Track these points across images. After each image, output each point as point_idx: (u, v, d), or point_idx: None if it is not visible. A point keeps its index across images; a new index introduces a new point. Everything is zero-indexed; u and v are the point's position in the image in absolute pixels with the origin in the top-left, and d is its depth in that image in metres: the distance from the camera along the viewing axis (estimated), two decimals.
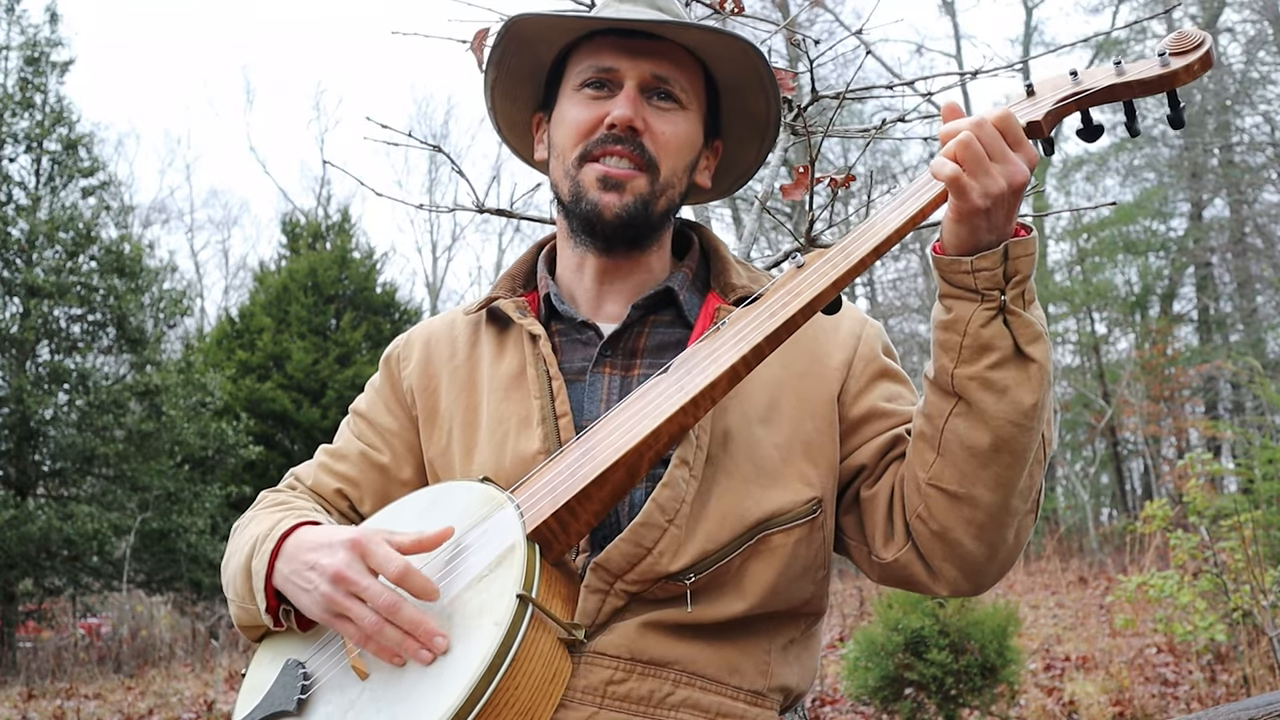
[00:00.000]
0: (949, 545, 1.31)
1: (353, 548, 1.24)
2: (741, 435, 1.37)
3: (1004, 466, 1.26)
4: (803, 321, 1.28)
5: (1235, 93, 20.60)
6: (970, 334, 1.24)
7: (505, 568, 1.22)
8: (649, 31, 1.42)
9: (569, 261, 1.51)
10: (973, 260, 1.22)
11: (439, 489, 1.41)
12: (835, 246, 1.30)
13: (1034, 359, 1.24)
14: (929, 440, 1.30)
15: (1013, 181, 1.19)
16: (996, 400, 1.24)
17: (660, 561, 1.29)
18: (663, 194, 1.43)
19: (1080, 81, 1.28)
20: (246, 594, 1.39)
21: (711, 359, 1.28)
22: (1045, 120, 1.27)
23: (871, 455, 1.40)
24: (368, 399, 1.59)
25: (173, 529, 14.01)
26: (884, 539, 1.38)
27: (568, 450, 1.32)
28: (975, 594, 1.39)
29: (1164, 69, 1.24)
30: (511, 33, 1.46)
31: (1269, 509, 6.04)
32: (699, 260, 1.54)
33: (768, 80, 1.47)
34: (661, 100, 1.44)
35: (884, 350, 1.48)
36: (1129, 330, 23.28)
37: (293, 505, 1.48)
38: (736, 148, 1.57)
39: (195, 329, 26.31)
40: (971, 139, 1.19)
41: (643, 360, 1.43)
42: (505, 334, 1.50)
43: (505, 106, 1.56)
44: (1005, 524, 1.30)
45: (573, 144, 1.43)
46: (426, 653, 1.20)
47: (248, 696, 1.36)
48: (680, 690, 1.30)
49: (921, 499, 1.31)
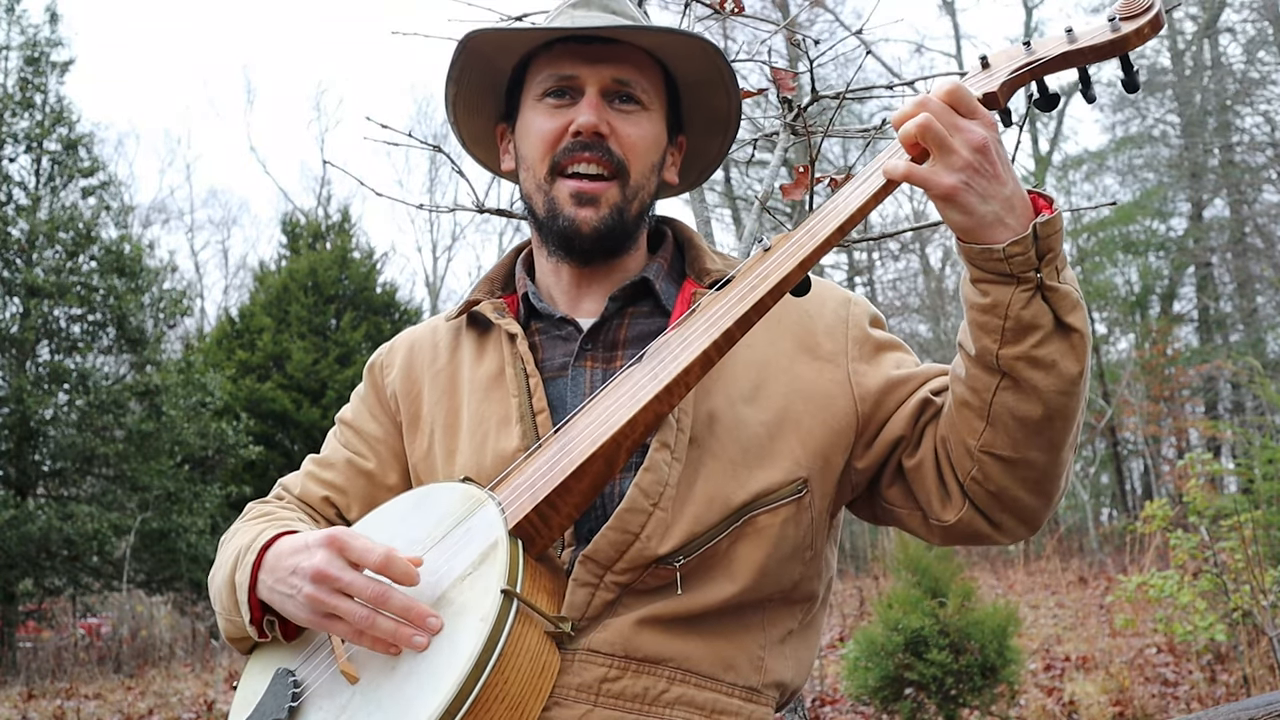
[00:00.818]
0: (1007, 501, 1.33)
1: (329, 545, 1.25)
2: (726, 416, 1.37)
3: (1057, 431, 1.28)
4: (772, 303, 1.28)
5: (1235, 93, 20.60)
6: (1011, 316, 1.24)
7: (488, 565, 1.23)
8: (607, 37, 1.43)
9: (545, 267, 1.53)
10: (1004, 247, 1.21)
11: (421, 492, 1.42)
12: (801, 228, 1.31)
13: (1075, 328, 1.25)
14: (976, 410, 1.30)
15: (971, 143, 1.18)
16: (1045, 375, 1.25)
17: (649, 546, 1.30)
18: (635, 198, 1.44)
19: (1033, 51, 1.29)
20: (232, 607, 1.40)
21: (684, 345, 1.29)
22: (1001, 90, 1.27)
23: (904, 424, 1.39)
24: (353, 407, 1.61)
25: (173, 529, 14.01)
26: (941, 503, 1.38)
27: (546, 445, 1.33)
28: (1032, 534, 1.42)
29: (1115, 34, 1.24)
30: (469, 48, 1.47)
31: (1269, 509, 6.03)
32: (673, 250, 1.55)
33: (727, 76, 1.48)
34: (624, 103, 1.44)
35: (872, 323, 1.49)
36: (1129, 330, 23.28)
37: (275, 516, 1.49)
38: (700, 142, 1.58)
39: (195, 329, 26.32)
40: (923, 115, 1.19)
41: (624, 352, 1.44)
42: (485, 336, 1.52)
43: (468, 120, 1.57)
44: (1059, 475, 1.34)
45: (541, 155, 1.44)
46: (421, 637, 1.20)
47: (240, 708, 1.37)
48: (675, 687, 1.30)
49: (974, 463, 1.32)
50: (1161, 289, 22.94)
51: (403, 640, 1.21)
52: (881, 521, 1.50)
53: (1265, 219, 20.73)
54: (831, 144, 18.78)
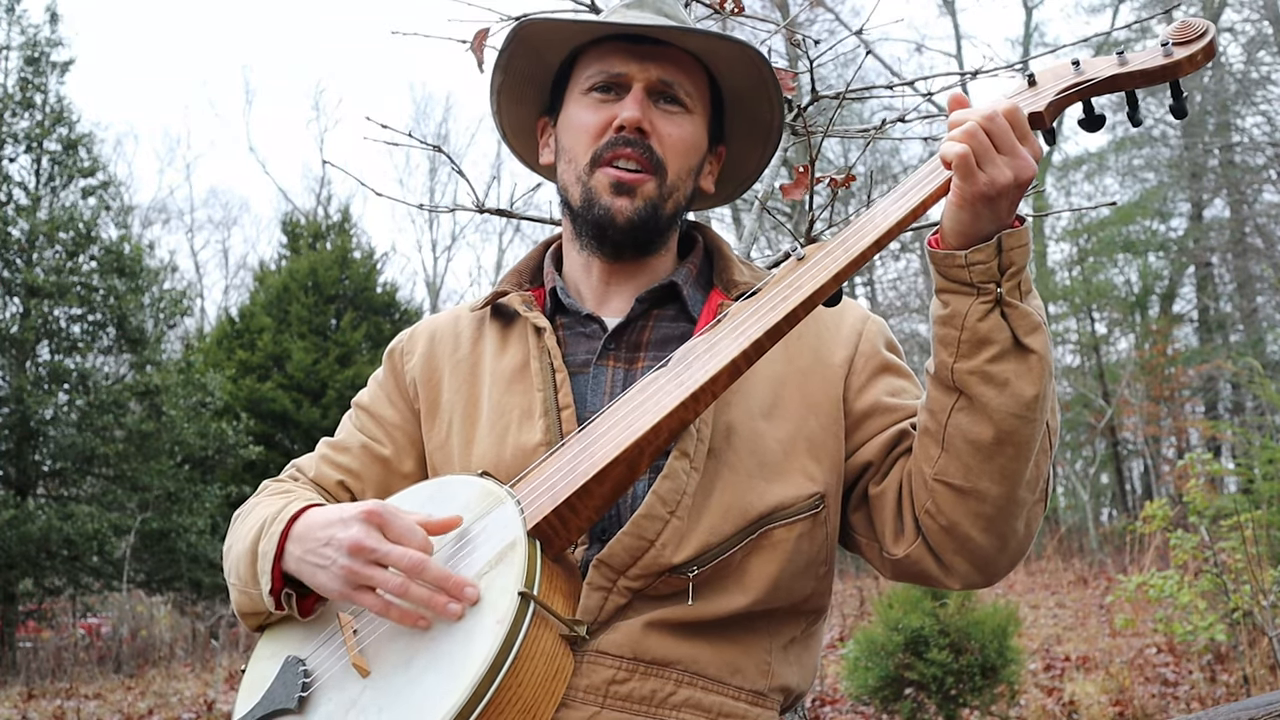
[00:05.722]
0: (958, 539, 1.31)
1: (368, 519, 1.25)
2: (744, 429, 1.37)
3: (1008, 459, 1.26)
4: (804, 315, 1.27)
5: (1235, 93, 20.59)
6: (968, 328, 1.24)
7: (506, 565, 1.22)
8: (656, 37, 1.43)
9: (575, 262, 1.52)
10: (967, 254, 1.22)
11: (437, 483, 1.41)
12: (835, 239, 1.30)
13: (1033, 350, 1.24)
14: (933, 436, 1.30)
15: (1020, 176, 1.19)
16: (998, 394, 1.24)
17: (663, 554, 1.29)
18: (670, 196, 1.44)
19: (1083, 71, 1.27)
20: (250, 578, 1.38)
21: (711, 353, 1.28)
22: (1047, 111, 1.26)
23: (877, 451, 1.40)
24: (370, 392, 1.60)
25: (173, 529, 14.01)
26: (894, 535, 1.38)
27: (568, 445, 1.32)
28: (988, 585, 1.39)
29: (1167, 59, 1.23)
30: (520, 37, 1.47)
31: (1269, 509, 6.03)
32: (702, 258, 1.55)
33: (772, 87, 1.48)
34: (668, 104, 1.45)
35: (886, 345, 1.48)
36: (1129, 330, 23.28)
37: (296, 493, 1.48)
38: (740, 153, 1.58)
39: (195, 329, 26.30)
40: (978, 130, 1.19)
41: (646, 354, 1.44)
42: (509, 328, 1.51)
43: (511, 110, 1.57)
44: (1013, 515, 1.30)
45: (584, 147, 1.44)
46: (456, 605, 1.20)
47: (248, 692, 1.36)
48: (682, 690, 1.30)
49: (929, 494, 1.31)
50: (1161, 289, 22.94)
51: (437, 608, 1.20)
52: (847, 547, 1.49)
53: (1265, 219, 20.72)
54: (831, 144, 18.78)
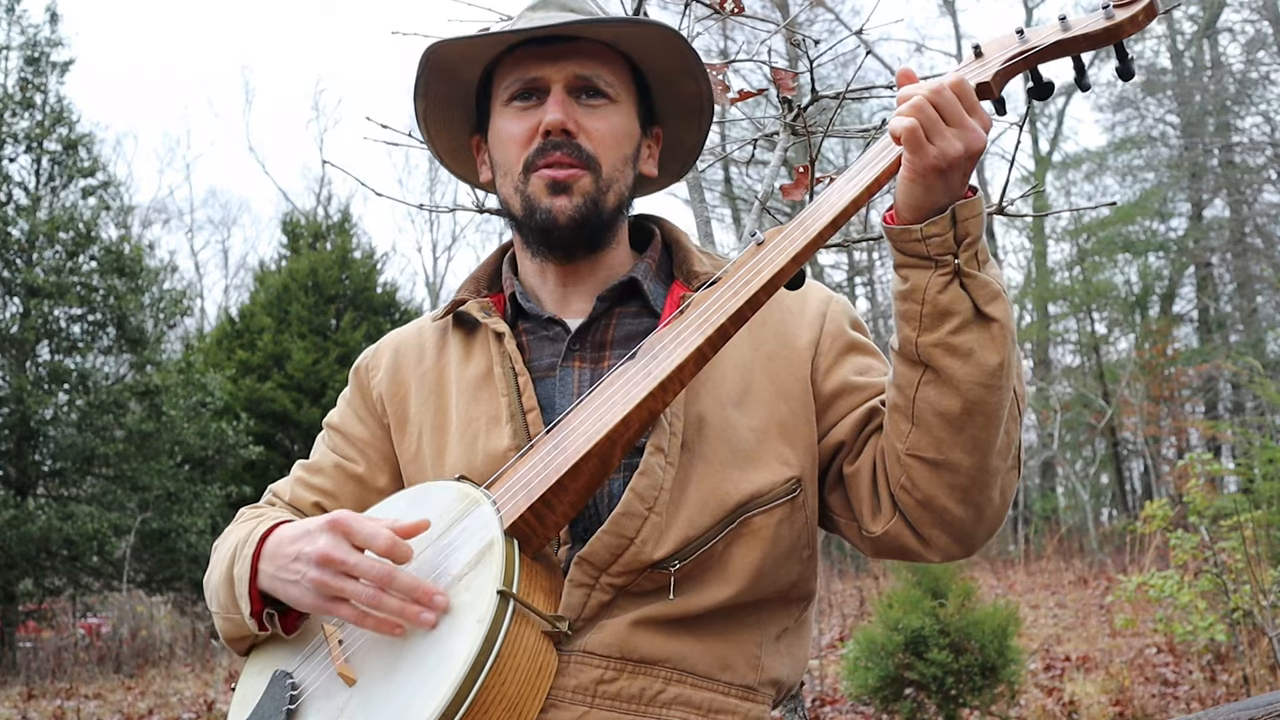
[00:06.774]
0: (935, 512, 1.32)
1: (333, 529, 1.25)
2: (716, 419, 1.37)
3: (978, 429, 1.27)
4: (766, 298, 1.28)
5: (1235, 93, 20.59)
6: (929, 301, 1.25)
7: (484, 564, 1.23)
8: (565, 34, 1.43)
9: (530, 269, 1.52)
10: (922, 228, 1.23)
11: (415, 491, 1.41)
12: (793, 222, 1.30)
13: (995, 318, 1.25)
14: (903, 411, 1.30)
15: (970, 147, 1.20)
16: (962, 364, 1.25)
17: (644, 550, 1.30)
18: (609, 189, 1.44)
19: (1027, 40, 1.28)
20: (230, 603, 1.39)
21: (677, 342, 1.28)
22: (994, 80, 1.27)
23: (849, 431, 1.40)
24: (340, 411, 1.60)
25: (173, 529, 14.00)
26: (871, 513, 1.38)
27: (540, 444, 1.32)
28: (967, 555, 1.39)
29: (1109, 20, 1.24)
30: (432, 62, 1.47)
31: (1269, 509, 6.03)
32: (661, 251, 1.54)
33: (693, 62, 1.48)
34: (591, 97, 1.44)
35: (851, 324, 1.48)
36: (1129, 330, 23.28)
37: (268, 516, 1.49)
38: (676, 131, 1.57)
39: (195, 329, 26.30)
40: (925, 103, 1.20)
41: (612, 351, 1.44)
42: (472, 336, 1.51)
43: (441, 135, 1.57)
44: (988, 484, 1.31)
45: (515, 158, 1.44)
46: (429, 614, 1.20)
47: (238, 708, 1.37)
48: (671, 687, 1.30)
49: (903, 470, 1.32)
50: (1161, 289, 22.94)
51: (410, 618, 1.20)
52: (826, 528, 1.50)
53: (1265, 219, 20.73)
54: (831, 144, 18.77)
